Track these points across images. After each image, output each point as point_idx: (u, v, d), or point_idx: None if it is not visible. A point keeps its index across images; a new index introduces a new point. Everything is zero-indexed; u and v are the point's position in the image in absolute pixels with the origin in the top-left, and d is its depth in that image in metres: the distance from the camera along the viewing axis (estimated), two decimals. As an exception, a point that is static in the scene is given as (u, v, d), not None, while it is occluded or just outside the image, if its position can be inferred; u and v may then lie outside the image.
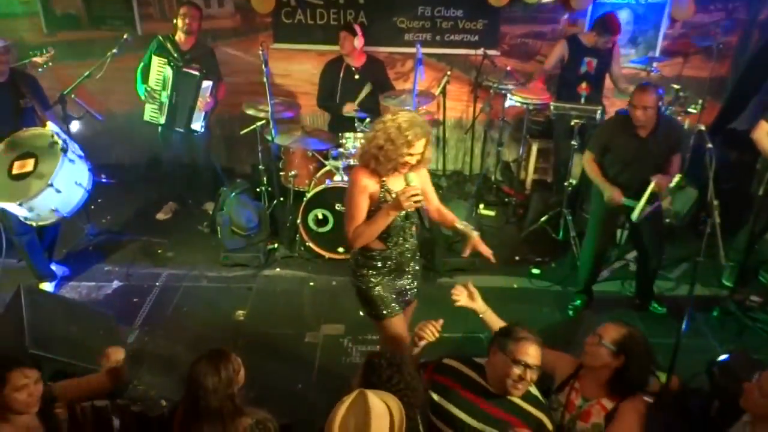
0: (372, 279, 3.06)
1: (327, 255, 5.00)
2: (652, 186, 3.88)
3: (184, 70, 5.07)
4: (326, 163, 5.05)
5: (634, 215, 3.90)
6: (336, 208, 4.85)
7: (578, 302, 4.51)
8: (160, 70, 5.10)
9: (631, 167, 4.03)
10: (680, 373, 3.58)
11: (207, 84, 5.14)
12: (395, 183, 2.91)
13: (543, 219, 5.32)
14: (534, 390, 2.53)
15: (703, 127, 3.40)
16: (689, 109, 5.33)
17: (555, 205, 5.34)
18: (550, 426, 2.47)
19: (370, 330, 4.09)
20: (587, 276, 4.48)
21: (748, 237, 4.49)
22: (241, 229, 4.91)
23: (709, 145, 3.26)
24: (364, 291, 3.09)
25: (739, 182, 4.77)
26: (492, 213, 5.80)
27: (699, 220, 5.20)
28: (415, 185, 2.75)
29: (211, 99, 5.20)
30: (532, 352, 2.41)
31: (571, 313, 4.45)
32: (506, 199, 5.94)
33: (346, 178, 4.87)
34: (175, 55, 5.12)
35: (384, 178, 2.88)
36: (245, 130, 5.18)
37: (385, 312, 3.07)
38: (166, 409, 3.38)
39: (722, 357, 3.42)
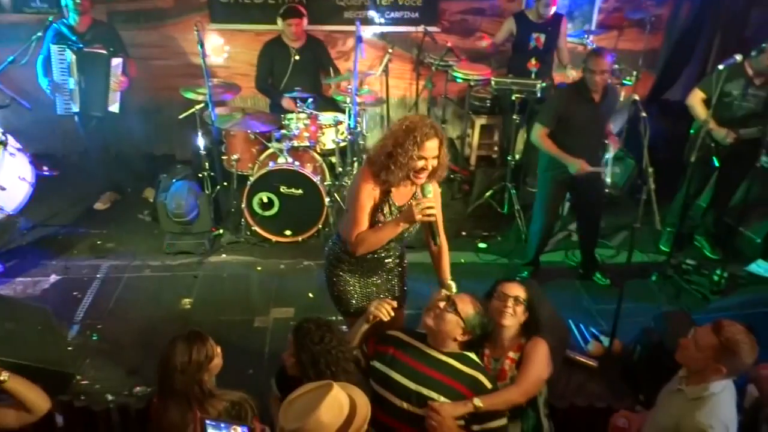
0: (343, 275, 3.00)
1: (273, 239, 4.94)
2: (610, 147, 3.99)
3: (86, 51, 4.82)
4: (269, 145, 4.97)
5: (608, 178, 3.96)
6: (281, 190, 4.79)
7: (525, 273, 4.60)
8: (61, 58, 4.82)
9: (585, 134, 4.11)
10: (622, 337, 3.73)
11: (117, 62, 4.91)
12: (400, 196, 2.80)
13: (488, 194, 5.40)
14: (472, 355, 2.65)
15: (637, 97, 3.49)
16: (624, 81, 5.48)
17: (499, 179, 5.42)
18: (487, 383, 2.57)
19: (321, 312, 4.03)
20: (536, 249, 4.57)
21: (682, 202, 4.67)
22: (178, 216, 4.78)
23: (644, 114, 3.35)
24: (335, 286, 3.05)
25: (674, 150, 4.94)
26: (439, 188, 5.82)
27: (636, 189, 5.36)
28: (430, 198, 2.66)
29: (125, 78, 4.98)
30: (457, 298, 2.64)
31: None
32: (451, 176, 5.97)
33: (290, 160, 4.82)
34: (74, 38, 4.85)
35: (392, 189, 2.75)
36: (183, 115, 5.03)
37: (352, 310, 3.03)
38: (112, 404, 3.32)
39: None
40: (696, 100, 4.45)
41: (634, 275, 4.47)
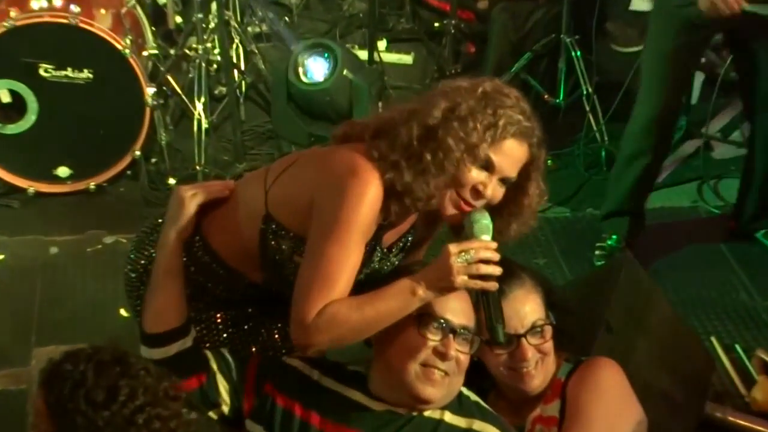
0: None
1: (31, 186, 5.03)
2: None
3: None
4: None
5: None
6: (42, 74, 4.84)
7: (612, 240, 4.79)
8: None
9: None
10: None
11: None
12: (393, 231, 2.85)
13: (521, 61, 5.52)
14: (470, 393, 2.78)
15: None
16: None
17: (544, 28, 5.56)
18: None
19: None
20: (632, 183, 4.73)
21: None
22: None
23: None
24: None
25: None
26: (408, 57, 5.91)
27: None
28: (487, 240, 2.64)
29: None
30: (456, 305, 2.65)
31: (599, 261, 4.74)
32: (436, 24, 6.07)
33: (59, 3, 4.84)
34: None
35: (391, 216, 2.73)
36: None
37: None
38: None
39: None
40: None
41: None
